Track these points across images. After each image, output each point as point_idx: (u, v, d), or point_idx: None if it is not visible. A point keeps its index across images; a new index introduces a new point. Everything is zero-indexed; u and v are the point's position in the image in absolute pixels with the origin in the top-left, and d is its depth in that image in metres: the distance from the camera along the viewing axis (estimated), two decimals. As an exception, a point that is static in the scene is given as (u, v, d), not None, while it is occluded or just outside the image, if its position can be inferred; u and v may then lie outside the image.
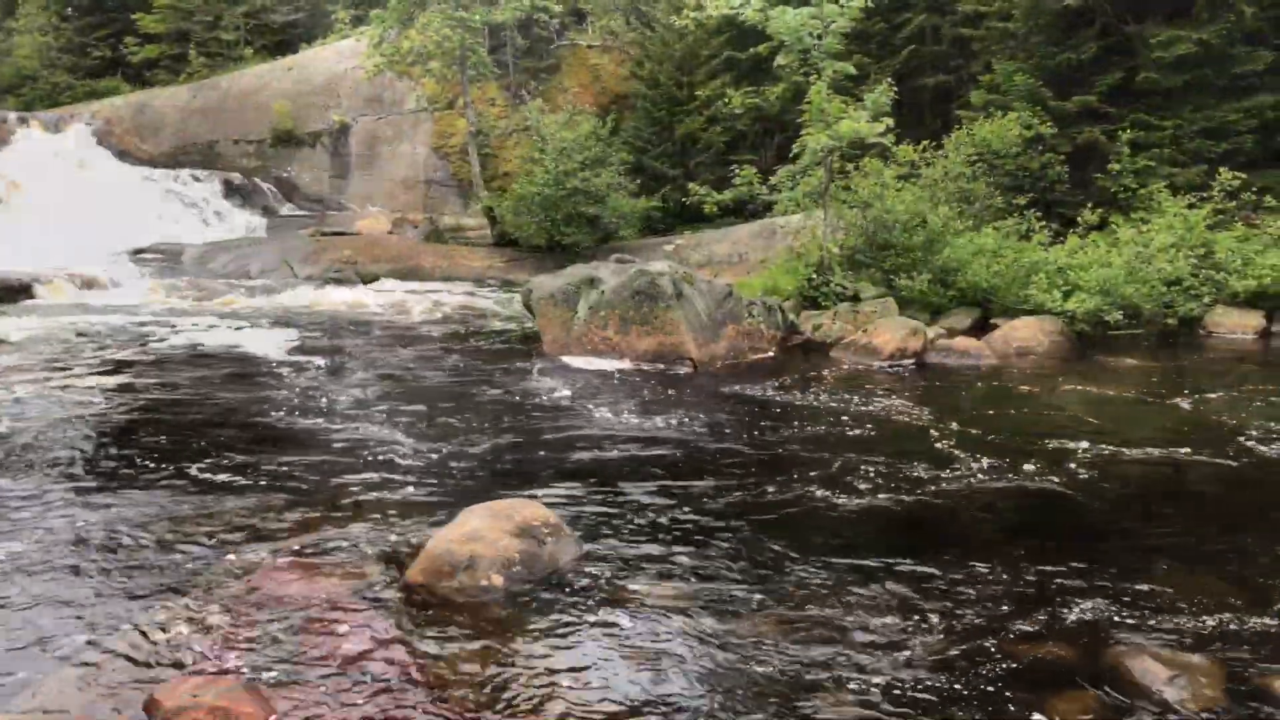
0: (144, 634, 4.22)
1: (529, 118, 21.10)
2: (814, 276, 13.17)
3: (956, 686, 3.79)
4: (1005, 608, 4.49)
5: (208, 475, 6.53)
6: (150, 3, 34.56)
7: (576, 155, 19.00)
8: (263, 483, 6.37)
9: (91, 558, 5.10)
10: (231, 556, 5.08)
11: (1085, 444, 7.22)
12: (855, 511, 5.87)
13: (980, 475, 6.55)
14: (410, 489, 6.26)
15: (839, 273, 13.30)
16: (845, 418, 8.26)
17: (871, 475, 6.52)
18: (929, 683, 3.81)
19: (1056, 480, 6.42)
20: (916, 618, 4.39)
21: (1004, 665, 3.95)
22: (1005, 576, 4.85)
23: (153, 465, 6.78)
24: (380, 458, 6.97)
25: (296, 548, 5.19)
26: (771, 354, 11.66)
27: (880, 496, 6.12)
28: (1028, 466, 6.70)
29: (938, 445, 7.37)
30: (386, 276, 19.20)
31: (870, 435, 7.71)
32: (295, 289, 17.12)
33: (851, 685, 3.81)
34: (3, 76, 35.26)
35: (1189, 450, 7.14)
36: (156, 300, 15.83)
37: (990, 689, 3.77)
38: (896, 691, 3.75)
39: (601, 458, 7.15)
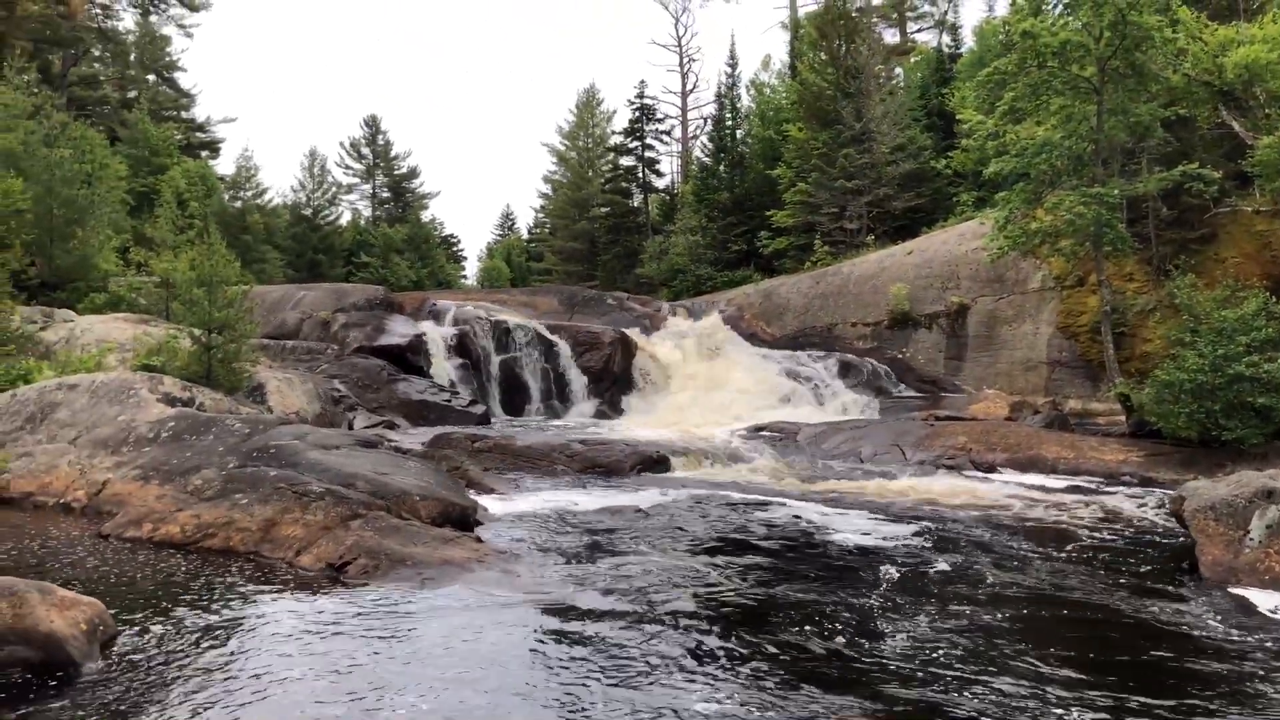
0: None
1: (1176, 294, 18.49)
2: None
3: None
4: None
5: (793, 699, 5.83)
6: (783, 200, 38.79)
7: (1241, 336, 16.03)
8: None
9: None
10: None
11: None
12: None
13: None
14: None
15: None
16: None
17: None
18: None
19: None
20: None
21: None
22: None
23: (730, 680, 6.29)
24: None
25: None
26: None
27: None
28: None
29: None
30: (1003, 466, 17.75)
31: None
32: (906, 475, 16.46)
33: None
34: (661, 271, 42.52)
35: None
36: (772, 479, 16.21)
37: None
38: None
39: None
